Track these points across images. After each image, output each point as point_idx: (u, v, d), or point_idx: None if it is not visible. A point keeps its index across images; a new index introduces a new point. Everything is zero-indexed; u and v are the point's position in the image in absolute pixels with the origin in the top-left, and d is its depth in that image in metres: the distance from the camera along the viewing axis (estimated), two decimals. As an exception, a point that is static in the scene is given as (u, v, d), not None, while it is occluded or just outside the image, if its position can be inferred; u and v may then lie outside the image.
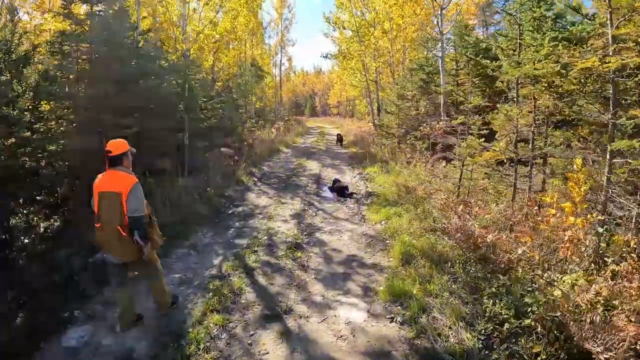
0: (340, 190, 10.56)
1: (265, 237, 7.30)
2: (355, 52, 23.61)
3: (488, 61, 8.02)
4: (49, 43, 8.79)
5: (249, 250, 6.65)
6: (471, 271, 5.21)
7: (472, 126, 7.90)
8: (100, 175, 4.02)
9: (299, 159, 17.28)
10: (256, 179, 12.86)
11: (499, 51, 8.06)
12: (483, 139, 7.78)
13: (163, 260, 5.44)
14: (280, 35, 38.12)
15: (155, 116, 9.67)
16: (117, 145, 3.99)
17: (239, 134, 19.28)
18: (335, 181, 11.16)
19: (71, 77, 9.04)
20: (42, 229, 7.05)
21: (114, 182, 3.89)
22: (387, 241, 6.95)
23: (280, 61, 39.65)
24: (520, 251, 5.10)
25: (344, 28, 24.23)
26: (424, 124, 12.20)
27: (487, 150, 7.24)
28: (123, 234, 3.88)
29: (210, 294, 5.22)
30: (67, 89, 8.77)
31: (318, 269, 6.03)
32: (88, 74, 8.93)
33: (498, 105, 8.12)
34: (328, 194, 10.83)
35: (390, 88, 21.83)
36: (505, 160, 7.53)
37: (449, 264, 5.50)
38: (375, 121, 24.37)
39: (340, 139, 23.57)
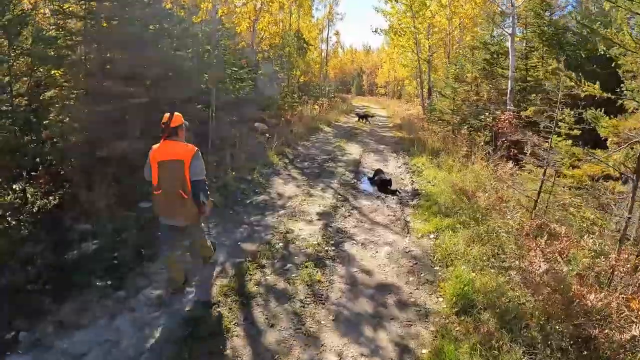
0: (382, 185, 8.88)
1: (281, 244, 5.78)
2: (407, 28, 21.44)
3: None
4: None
5: (254, 264, 5.12)
6: (561, 347, 3.48)
7: (561, 122, 5.93)
8: (155, 146, 4.18)
9: (339, 140, 15.63)
10: (287, 161, 11.35)
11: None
12: (571, 142, 5.89)
13: (150, 267, 5.03)
14: (328, 8, 36.04)
15: (172, 85, 8.26)
16: (175, 118, 4.15)
17: (277, 108, 17.80)
18: (377, 172, 9.47)
19: (74, 39, 7.77)
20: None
21: (174, 151, 4.06)
22: (437, 268, 5.28)
23: (328, 35, 37.65)
24: (637, 332, 3.33)
25: (397, 1, 22.04)
26: (487, 113, 10.22)
27: (592, 162, 5.31)
28: (185, 197, 4.06)
29: (182, 338, 3.77)
30: (67, 53, 7.43)
31: (340, 303, 4.44)
32: (90, 35, 7.61)
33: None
34: (367, 186, 9.18)
35: (446, 68, 19.71)
36: (617, 179, 5.61)
37: (526, 326, 3.80)
38: (425, 105, 22.29)
39: (364, 116, 23.69)
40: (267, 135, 12.96)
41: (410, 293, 4.68)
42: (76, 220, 6.42)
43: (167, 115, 4.16)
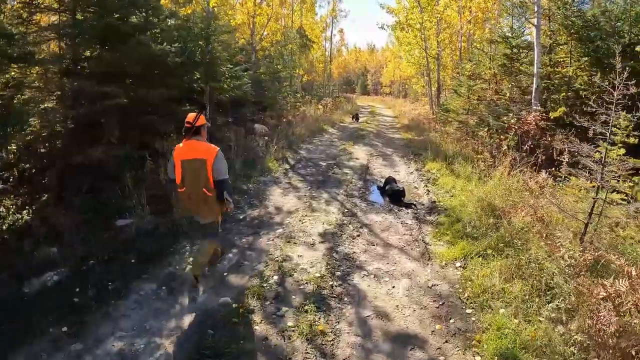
0: (395, 196, 7.86)
1: (276, 278, 4.75)
2: (415, 24, 20.34)
3: None
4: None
5: (239, 310, 4.09)
6: None
7: (615, 128, 4.83)
8: (179, 146, 4.25)
9: (344, 142, 14.61)
10: (288, 167, 10.34)
11: None
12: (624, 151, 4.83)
13: (117, 307, 4.21)
14: (332, 5, 35.01)
15: (157, 84, 7.28)
16: (198, 117, 4.19)
17: (278, 108, 16.80)
18: (388, 181, 8.44)
19: (47, 34, 6.87)
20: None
21: (197, 150, 4.14)
22: (469, 310, 4.23)
23: (332, 33, 36.65)
24: None
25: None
26: (511, 114, 9.15)
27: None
28: (209, 194, 4.18)
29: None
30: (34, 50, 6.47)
31: (350, 365, 3.43)
32: (64, 29, 6.68)
33: None
34: (377, 197, 8.15)
35: (459, 65, 18.62)
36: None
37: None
38: (434, 104, 21.24)
39: (355, 116, 23.84)
40: (267, 137, 11.98)
41: (439, 348, 3.65)
42: (46, 240, 5.48)
43: (192, 115, 4.24)
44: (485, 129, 10.13)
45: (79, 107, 6.76)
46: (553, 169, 7.64)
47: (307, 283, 4.64)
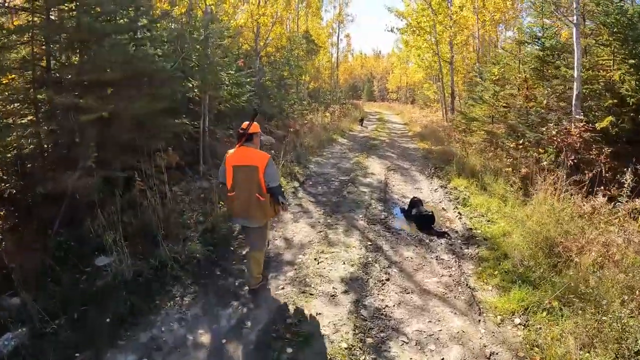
0: (423, 222, 6.71)
1: (289, 350, 3.61)
2: (427, 26, 19.25)
3: None
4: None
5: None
6: None
7: None
8: (232, 151, 4.38)
9: (356, 154, 13.46)
10: (297, 184, 9.20)
11: None
12: None
13: None
14: (338, 9, 34.07)
15: (143, 94, 6.20)
16: (253, 126, 4.30)
17: (284, 117, 15.72)
18: (414, 203, 7.28)
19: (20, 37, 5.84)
20: None
21: (249, 157, 4.23)
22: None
23: (338, 38, 35.64)
24: None
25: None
26: (551, 124, 7.99)
27: None
28: (261, 199, 4.25)
29: None
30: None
31: None
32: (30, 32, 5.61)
33: None
34: (402, 223, 6.99)
35: (473, 69, 17.48)
36: None
37: None
38: (448, 110, 20.10)
39: (361, 120, 24.82)
40: (273, 150, 10.85)
41: None
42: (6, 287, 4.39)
43: (246, 123, 4.34)
44: (518, 141, 8.94)
45: (52, 123, 5.69)
46: (603, 188, 6.52)
47: (330, 359, 3.49)
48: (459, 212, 7.45)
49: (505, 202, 7.44)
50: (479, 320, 4.18)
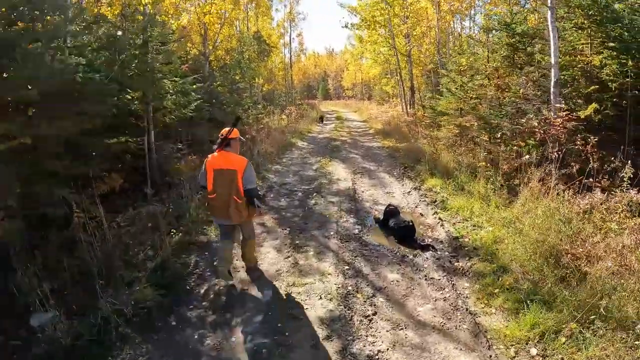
0: (403, 234, 6.01)
1: None
2: (382, 19, 18.75)
3: None
4: None
5: None
6: None
7: None
8: (211, 156, 4.62)
9: (318, 158, 12.69)
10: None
11: None
12: None
13: None
14: (289, 8, 33.29)
15: (72, 113, 5.20)
16: (231, 131, 4.59)
17: (239, 124, 14.73)
18: (391, 212, 6.55)
19: None
20: None
21: (228, 161, 4.49)
22: None
23: (290, 37, 34.85)
24: None
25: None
26: (531, 114, 7.48)
27: None
28: (239, 201, 4.50)
29: None
30: None
31: None
32: None
33: None
34: (379, 237, 6.25)
35: (433, 61, 17.05)
36: None
37: None
38: (408, 105, 19.68)
39: (321, 119, 25.87)
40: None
41: None
42: None
43: (226, 129, 4.65)
44: (495, 134, 8.41)
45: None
46: (592, 181, 6.04)
47: None
48: (439, 218, 6.81)
49: (487, 202, 6.86)
50: (490, 357, 3.49)
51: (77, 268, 4.70)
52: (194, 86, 8.00)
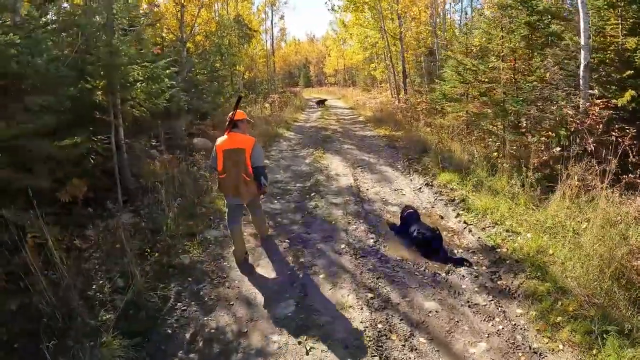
0: (428, 245, 4.99)
1: None
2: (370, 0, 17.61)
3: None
4: None
5: None
6: None
7: None
8: (221, 138, 4.78)
9: (310, 150, 11.58)
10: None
11: None
12: None
13: None
14: (270, -9, 31.63)
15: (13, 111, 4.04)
16: (237, 114, 4.76)
17: (220, 115, 13.50)
18: (409, 217, 5.54)
19: None
20: None
21: (237, 141, 4.67)
22: None
23: (272, 23, 33.27)
24: None
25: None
26: (561, 102, 6.50)
27: None
28: (247, 179, 4.69)
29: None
30: None
31: None
32: None
33: None
34: (400, 249, 5.20)
35: (437, 44, 15.97)
36: None
37: None
38: (401, 91, 18.64)
39: (321, 101, 27.25)
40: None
41: None
42: None
43: (231, 112, 4.76)
44: (518, 122, 7.41)
45: None
46: (629, 176, 5.15)
47: None
48: (464, 221, 5.81)
49: (515, 202, 5.89)
50: None
51: (29, 312, 3.61)
52: (167, 71, 6.76)
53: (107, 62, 5.88)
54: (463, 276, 4.43)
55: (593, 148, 5.75)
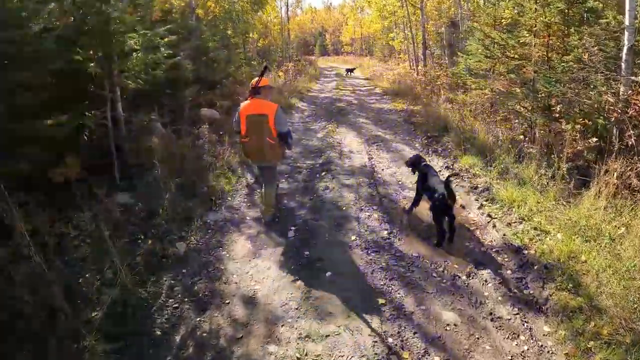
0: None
1: None
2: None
3: None
4: None
5: None
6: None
7: None
8: (244, 103, 4.95)
9: (323, 123, 11.08)
10: (252, 180, 6.78)
11: None
12: None
13: None
14: (286, -47, 30.44)
15: None
16: (262, 80, 4.89)
17: (230, 84, 12.96)
18: (426, 167, 5.17)
19: None
20: None
21: (260, 107, 4.82)
22: None
23: (288, -12, 32.10)
24: None
25: None
26: (603, 86, 5.86)
27: None
28: (272, 142, 4.86)
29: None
30: None
31: None
32: None
33: None
34: (415, 243, 4.75)
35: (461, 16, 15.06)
36: None
37: None
38: (420, 63, 17.81)
39: (351, 69, 27.79)
40: (216, 137, 8.10)
41: None
42: None
43: (255, 79, 4.90)
44: (551, 106, 6.77)
45: None
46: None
47: None
48: (488, 214, 5.30)
49: (544, 194, 5.35)
50: None
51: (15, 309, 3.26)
52: (165, 39, 6.21)
53: (102, 31, 5.37)
54: (486, 281, 3.97)
55: (634, 142, 5.17)
